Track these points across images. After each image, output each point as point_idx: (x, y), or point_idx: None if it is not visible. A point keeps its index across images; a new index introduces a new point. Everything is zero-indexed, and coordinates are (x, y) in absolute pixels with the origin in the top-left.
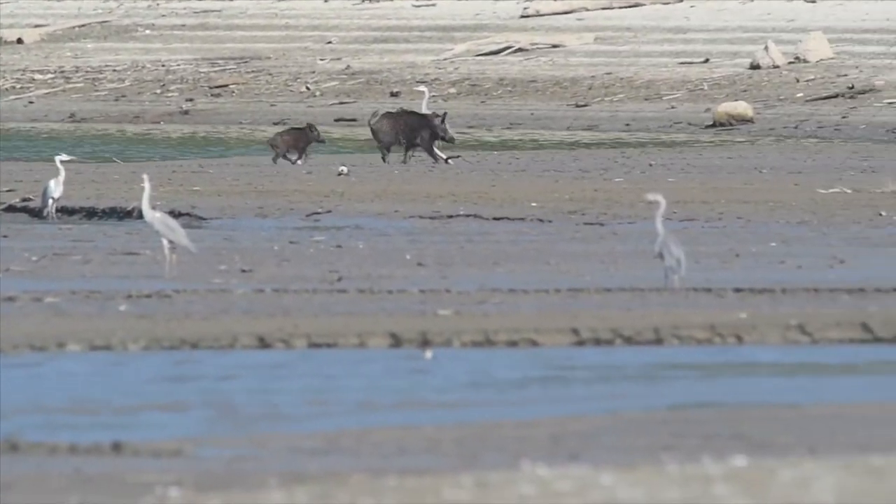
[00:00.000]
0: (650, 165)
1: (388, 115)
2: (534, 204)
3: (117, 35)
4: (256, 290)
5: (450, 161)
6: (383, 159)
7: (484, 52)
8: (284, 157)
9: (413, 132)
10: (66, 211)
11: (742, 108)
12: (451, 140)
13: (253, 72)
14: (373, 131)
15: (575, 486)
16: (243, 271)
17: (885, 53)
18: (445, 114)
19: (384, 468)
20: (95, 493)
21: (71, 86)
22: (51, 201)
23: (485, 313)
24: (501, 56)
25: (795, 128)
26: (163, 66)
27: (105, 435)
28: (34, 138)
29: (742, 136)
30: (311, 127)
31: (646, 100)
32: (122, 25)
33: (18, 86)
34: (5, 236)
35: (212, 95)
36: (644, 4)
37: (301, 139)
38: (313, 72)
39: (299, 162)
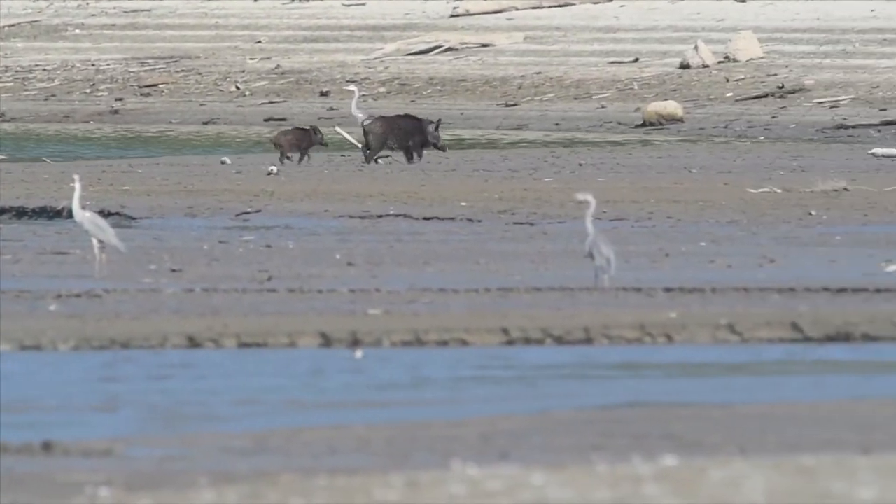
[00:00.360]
0: (580, 165)
1: (382, 118)
2: (463, 203)
3: (47, 34)
4: (186, 290)
5: (379, 160)
6: (367, 160)
7: (414, 51)
8: (287, 157)
9: (406, 136)
10: None
11: (672, 107)
12: (443, 148)
13: (183, 71)
14: (364, 132)
15: (505, 486)
16: (173, 271)
17: (814, 53)
18: (440, 121)
19: (314, 468)
20: (25, 493)
21: (1, 85)
22: None
23: (415, 313)
24: (431, 55)
25: (725, 127)
26: (93, 65)
27: (35, 435)
28: None
29: (672, 136)
30: (315, 129)
31: (575, 99)
32: (52, 25)
33: None
34: None
35: (141, 95)
36: (574, 4)
37: (304, 140)
38: (243, 71)
39: (304, 162)
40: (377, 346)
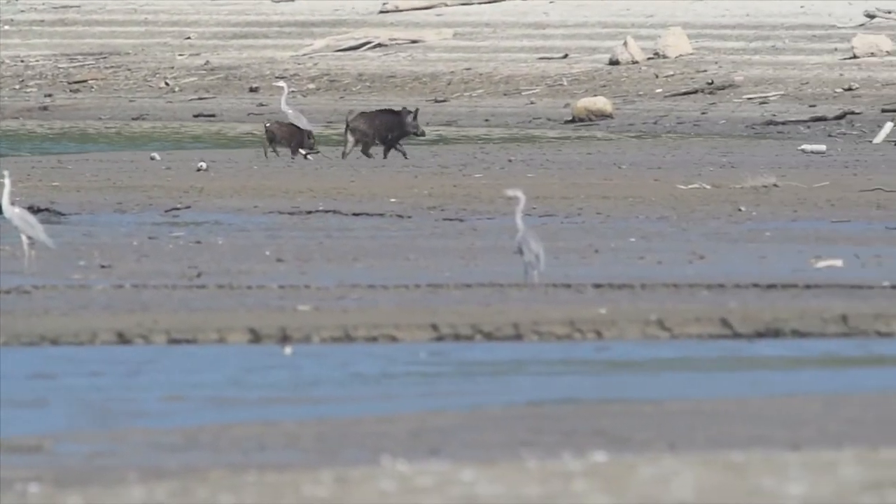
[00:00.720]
0: (509, 161)
1: (363, 114)
2: (393, 199)
3: None
4: (116, 286)
5: (309, 157)
6: (366, 154)
7: (343, 47)
8: (275, 150)
9: (387, 131)
10: None
11: (601, 103)
12: (423, 133)
13: (112, 67)
14: (350, 129)
15: (435, 482)
16: (102, 267)
17: (744, 49)
18: (417, 110)
19: (244, 464)
20: None
21: None
22: None
23: (344, 309)
24: (360, 52)
25: (655, 123)
26: (21, 61)
27: None
28: None
29: (601, 132)
30: (309, 134)
31: (505, 95)
32: None
33: None
34: None
35: (71, 91)
36: (503, 0)
37: (295, 136)
38: (172, 67)
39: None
40: (307, 342)
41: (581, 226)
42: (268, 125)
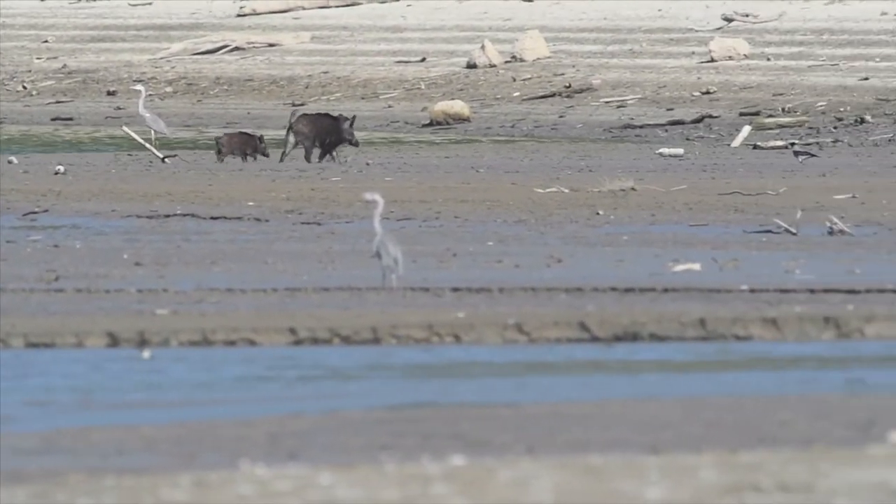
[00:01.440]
0: (367, 164)
1: (305, 116)
2: (251, 203)
3: None
4: None
5: (167, 160)
6: (307, 159)
7: (201, 50)
8: (223, 158)
9: (325, 134)
10: None
11: (458, 107)
12: (357, 144)
13: None
14: (293, 132)
15: (293, 486)
16: None
17: (601, 52)
18: (354, 117)
19: (102, 468)
20: None
21: None
22: None
23: (202, 313)
24: (218, 55)
25: (512, 127)
26: None
27: None
28: None
29: (459, 136)
30: (260, 138)
31: (363, 98)
32: None
33: None
34: None
35: None
36: (361, 3)
37: (249, 144)
38: (30, 71)
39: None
40: (165, 346)
41: (439, 229)
42: (218, 137)
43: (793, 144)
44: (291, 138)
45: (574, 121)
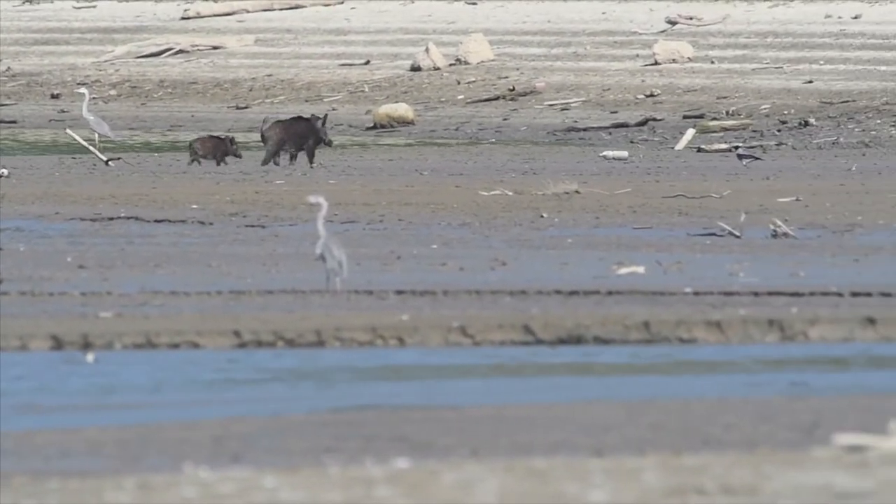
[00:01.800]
0: (311, 167)
1: (278, 122)
2: (195, 206)
3: None
4: None
5: (110, 163)
6: (265, 162)
7: (145, 53)
8: (199, 161)
9: (301, 138)
10: None
11: (402, 109)
12: (330, 143)
13: None
14: (263, 138)
15: (237, 489)
16: None
17: (545, 55)
18: (326, 115)
19: (46, 470)
20: None
21: None
22: None
23: (146, 315)
24: (162, 58)
25: (456, 130)
26: None
27: None
28: None
29: (403, 138)
30: (231, 140)
31: (306, 101)
32: None
33: None
34: None
35: None
36: (304, 6)
37: (220, 148)
38: None
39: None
40: (109, 348)
41: (383, 232)
42: (192, 141)
43: (737, 147)
44: (267, 144)
45: (518, 124)
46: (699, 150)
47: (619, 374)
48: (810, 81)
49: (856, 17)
